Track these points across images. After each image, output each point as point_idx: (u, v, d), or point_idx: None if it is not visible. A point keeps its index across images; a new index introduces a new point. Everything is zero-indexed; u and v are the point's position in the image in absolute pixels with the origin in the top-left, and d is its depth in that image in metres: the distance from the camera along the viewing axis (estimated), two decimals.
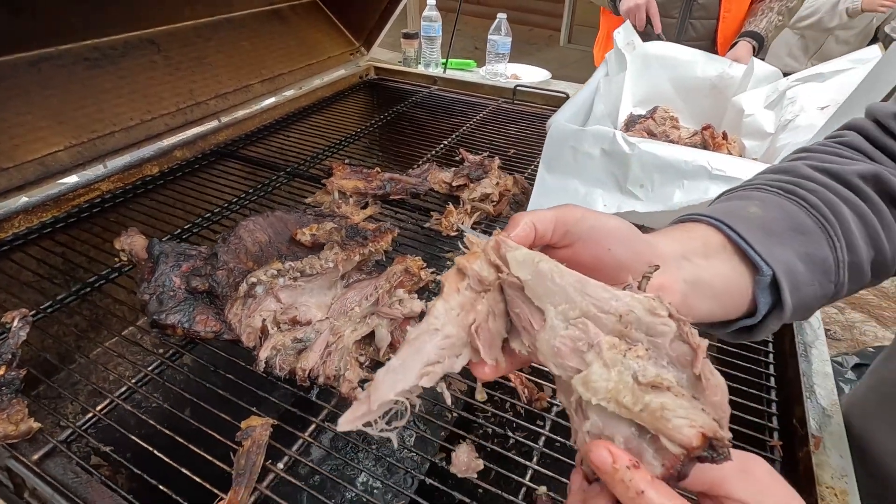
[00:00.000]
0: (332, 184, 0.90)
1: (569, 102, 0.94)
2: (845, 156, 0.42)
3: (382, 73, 1.61)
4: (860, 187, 0.40)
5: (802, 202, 0.38)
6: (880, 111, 0.43)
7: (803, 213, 0.38)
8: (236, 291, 0.58)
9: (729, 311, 0.36)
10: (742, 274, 0.36)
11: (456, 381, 0.74)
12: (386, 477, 0.58)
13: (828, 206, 0.38)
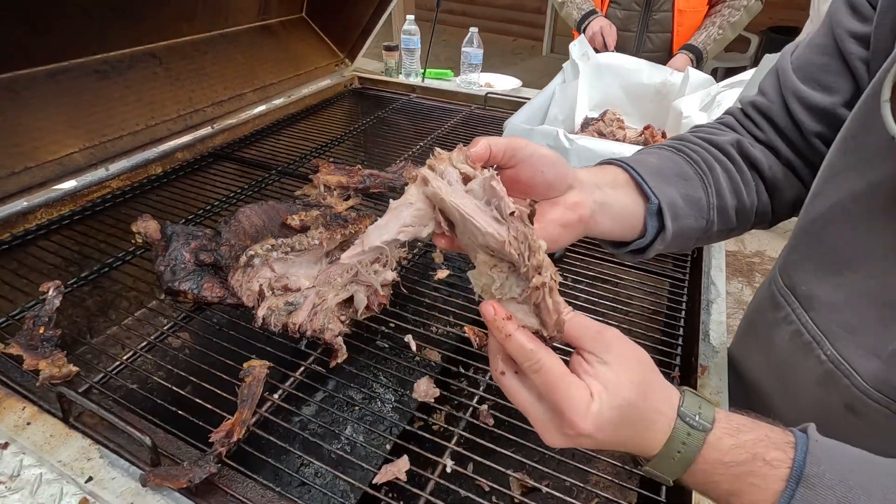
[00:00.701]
0: (318, 179, 1.02)
1: (525, 106, 1.07)
2: (721, 130, 0.57)
3: (366, 83, 1.74)
4: (729, 151, 0.54)
5: (687, 157, 0.53)
6: (745, 100, 0.58)
7: (687, 165, 0.52)
8: (237, 262, 0.70)
9: (626, 231, 0.49)
10: (637, 203, 0.49)
11: (431, 352, 0.86)
12: (369, 426, 0.69)
13: (705, 162, 0.52)
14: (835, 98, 0.51)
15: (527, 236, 0.34)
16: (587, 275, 0.84)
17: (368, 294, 0.75)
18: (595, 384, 0.33)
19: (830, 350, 0.48)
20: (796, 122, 0.53)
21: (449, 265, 0.85)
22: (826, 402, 0.49)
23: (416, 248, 0.89)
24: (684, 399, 0.35)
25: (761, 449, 0.33)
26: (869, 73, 0.48)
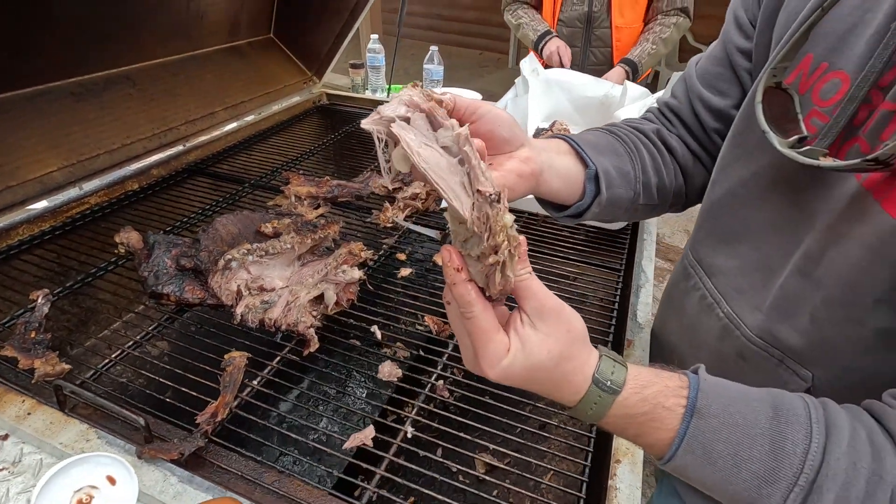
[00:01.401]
0: (290, 190, 1.10)
1: None
2: (645, 121, 0.69)
3: (334, 99, 1.82)
4: (651, 137, 0.66)
5: (618, 138, 0.63)
6: (660, 101, 0.70)
7: (618, 144, 0.63)
8: (216, 266, 0.78)
9: (570, 192, 0.58)
10: (578, 168, 0.58)
11: (401, 350, 0.94)
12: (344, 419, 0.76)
13: (633, 143, 0.63)
14: (728, 101, 0.62)
15: (489, 217, 0.35)
16: (538, 269, 0.93)
17: (337, 291, 0.83)
18: (516, 341, 0.38)
19: (727, 308, 0.58)
20: (700, 119, 0.65)
21: (412, 263, 0.94)
22: (723, 353, 0.59)
23: (381, 251, 0.98)
24: (600, 365, 0.40)
25: (661, 399, 0.40)
26: (752, 81, 0.60)
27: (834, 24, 0.46)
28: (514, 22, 1.98)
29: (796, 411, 0.39)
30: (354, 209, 1.13)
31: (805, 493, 0.36)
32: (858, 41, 0.44)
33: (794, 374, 0.50)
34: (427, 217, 1.10)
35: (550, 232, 1.04)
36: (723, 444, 0.38)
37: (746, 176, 0.55)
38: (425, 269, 0.94)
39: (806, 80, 0.48)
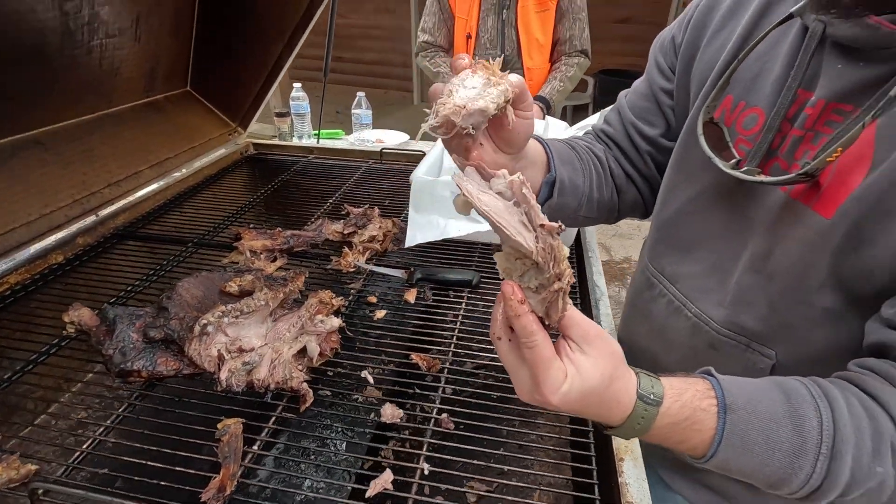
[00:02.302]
0: (243, 245, 1.07)
1: (424, 160, 1.24)
2: (594, 143, 0.79)
3: (261, 149, 1.80)
4: (600, 156, 0.75)
5: (577, 153, 0.72)
6: (596, 128, 0.81)
7: (576, 158, 0.71)
8: (192, 332, 0.74)
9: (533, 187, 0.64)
10: (541, 173, 0.65)
11: (371, 390, 0.95)
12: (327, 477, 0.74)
13: (587, 160, 0.72)
14: (656, 130, 0.75)
15: (553, 248, 0.39)
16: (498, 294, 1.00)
17: (319, 342, 0.82)
18: (571, 367, 0.41)
19: (694, 308, 0.68)
20: (635, 144, 0.76)
21: (385, 305, 0.96)
22: (695, 347, 0.68)
23: (350, 296, 0.99)
24: (640, 382, 0.45)
25: (696, 402, 0.45)
26: (675, 115, 0.73)
27: (745, 72, 0.58)
28: (433, 69, 2.10)
29: (800, 392, 0.47)
30: (312, 258, 1.13)
31: (828, 459, 0.43)
32: (765, 84, 0.57)
33: (760, 355, 0.60)
34: (387, 257, 1.13)
35: None
36: (755, 432, 0.45)
37: (693, 194, 0.66)
38: (399, 308, 0.96)
39: (729, 115, 0.60)
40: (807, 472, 0.44)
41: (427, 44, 2.11)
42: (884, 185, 0.47)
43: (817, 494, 0.45)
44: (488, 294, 0.99)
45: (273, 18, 1.57)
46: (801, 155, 0.53)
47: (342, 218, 1.23)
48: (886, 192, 0.46)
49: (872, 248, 0.48)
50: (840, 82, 0.50)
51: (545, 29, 1.92)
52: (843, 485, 0.44)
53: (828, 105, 0.51)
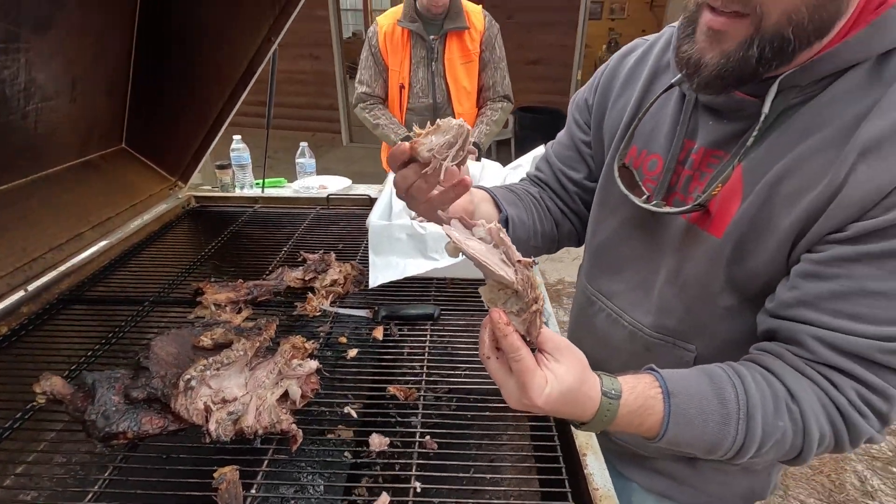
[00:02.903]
0: (207, 299, 1.09)
1: (376, 205, 1.33)
2: (530, 185, 0.93)
3: (204, 202, 1.80)
4: (536, 196, 0.89)
5: (518, 195, 0.85)
6: (530, 174, 0.96)
7: (518, 199, 0.85)
8: (176, 388, 0.77)
9: None
10: (495, 214, 0.79)
11: (342, 430, 0.99)
12: None
13: (527, 200, 0.86)
14: (580, 174, 0.90)
15: (529, 278, 0.50)
16: (459, 324, 1.09)
17: (300, 385, 0.87)
18: (550, 374, 0.50)
19: (629, 318, 0.81)
20: (564, 186, 0.92)
21: (355, 344, 1.02)
22: (634, 350, 0.81)
23: (319, 339, 1.04)
24: (602, 381, 0.55)
25: (647, 392, 0.57)
26: (594, 161, 0.88)
27: (644, 127, 0.75)
28: (373, 122, 2.21)
29: (719, 374, 0.60)
30: (275, 306, 1.17)
31: (746, 420, 0.56)
32: (660, 136, 0.73)
33: (684, 350, 0.74)
34: (350, 299, 1.19)
35: (456, 292, 1.22)
36: (693, 409, 0.57)
37: (616, 225, 0.80)
38: (369, 346, 1.03)
39: (636, 160, 0.76)
40: (732, 435, 0.57)
41: (366, 95, 2.23)
42: (752, 210, 0.62)
43: (742, 451, 0.58)
44: (449, 325, 1.09)
45: (214, 74, 1.61)
46: (693, 190, 0.68)
47: (300, 265, 1.28)
48: (755, 215, 0.62)
49: (753, 258, 0.63)
50: (713, 135, 0.67)
51: (471, 78, 2.11)
52: (758, 440, 0.57)
53: (707, 152, 0.67)
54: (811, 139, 0.57)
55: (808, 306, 0.58)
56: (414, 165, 0.60)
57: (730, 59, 0.56)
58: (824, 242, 0.57)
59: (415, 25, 2.01)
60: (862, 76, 0.55)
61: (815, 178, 0.56)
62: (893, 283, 0.53)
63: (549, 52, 6.09)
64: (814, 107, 0.58)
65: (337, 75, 6.99)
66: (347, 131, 7.29)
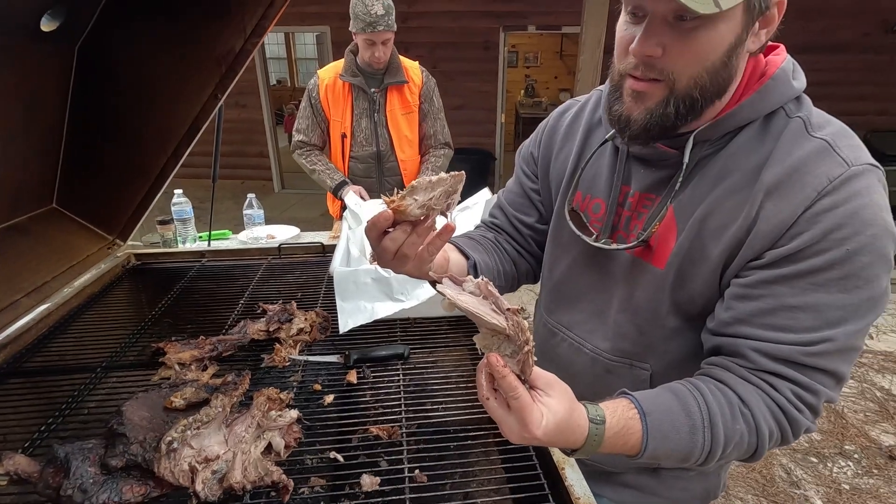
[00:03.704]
0: (170, 359, 1.07)
1: (336, 253, 1.37)
2: (488, 231, 1.02)
3: (144, 259, 1.73)
4: (493, 240, 0.97)
5: (478, 242, 0.93)
6: (485, 220, 1.05)
7: (479, 245, 0.93)
8: (159, 452, 0.75)
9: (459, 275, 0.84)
10: (463, 260, 0.86)
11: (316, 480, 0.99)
12: None
13: (487, 244, 0.94)
14: (531, 219, 1.00)
15: (519, 323, 0.55)
16: (429, 361, 1.15)
17: (282, 435, 0.88)
18: (544, 408, 0.56)
19: (589, 345, 0.89)
20: (517, 230, 1.01)
21: (330, 390, 1.04)
22: (596, 374, 0.88)
23: (293, 389, 1.04)
24: (588, 409, 0.60)
25: (625, 414, 0.63)
26: (544, 206, 0.99)
27: (586, 175, 0.86)
28: (309, 167, 2.26)
29: (681, 389, 0.68)
30: (241, 360, 1.15)
31: (710, 428, 0.64)
32: (601, 182, 0.85)
33: (640, 369, 0.83)
34: (318, 346, 1.20)
35: (421, 331, 1.27)
36: (666, 425, 0.64)
37: (570, 262, 0.91)
38: (345, 390, 1.05)
39: (582, 204, 0.87)
40: (701, 443, 0.65)
41: (302, 143, 2.29)
42: (687, 244, 0.73)
43: (710, 456, 0.66)
44: (419, 362, 1.13)
45: (157, 131, 1.59)
46: (633, 228, 0.80)
47: (261, 316, 1.28)
48: (690, 248, 0.73)
49: (692, 284, 0.74)
50: (644, 181, 0.79)
51: (412, 127, 2.24)
52: (722, 444, 0.66)
53: (641, 195, 0.79)
54: (725, 182, 0.69)
55: (743, 323, 0.67)
56: (402, 226, 0.65)
57: (653, 115, 0.67)
58: (748, 269, 0.68)
59: (356, 79, 2.11)
60: (755, 131, 0.69)
61: (733, 215, 0.68)
62: (805, 298, 0.63)
63: (472, 98, 6.48)
64: (723, 156, 0.70)
65: (266, 122, 6.95)
66: (279, 178, 7.20)
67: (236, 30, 1.44)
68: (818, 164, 0.64)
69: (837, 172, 0.63)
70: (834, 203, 0.62)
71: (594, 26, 3.66)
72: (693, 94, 0.65)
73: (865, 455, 2.44)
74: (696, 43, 0.61)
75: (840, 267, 0.62)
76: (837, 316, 0.63)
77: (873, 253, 0.62)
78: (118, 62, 1.45)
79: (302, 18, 6.32)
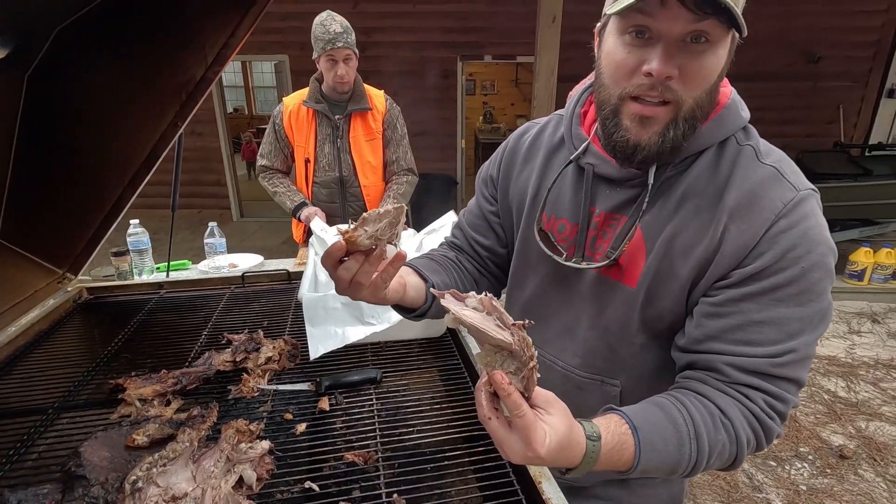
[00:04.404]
0: (131, 396, 1.02)
1: (303, 279, 1.36)
2: (448, 250, 1.03)
3: (98, 292, 1.66)
4: (454, 259, 0.99)
5: (437, 262, 0.94)
6: (447, 239, 1.06)
7: (438, 266, 0.93)
8: (122, 493, 0.71)
9: (418, 298, 0.86)
10: (422, 283, 0.86)
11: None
12: None
13: (447, 264, 0.95)
14: (490, 241, 1.02)
15: (524, 338, 0.54)
16: (402, 384, 1.14)
17: (254, 468, 0.85)
18: (546, 426, 0.55)
19: (561, 363, 0.90)
20: (476, 251, 1.03)
21: (302, 418, 1.02)
22: (568, 391, 0.87)
23: (263, 419, 1.01)
24: (584, 427, 0.60)
25: (618, 429, 0.63)
26: (503, 229, 1.00)
27: (550, 196, 0.89)
28: (271, 189, 2.26)
29: (666, 403, 0.69)
30: (207, 392, 1.11)
31: (696, 440, 0.66)
32: (564, 203, 0.87)
33: (610, 386, 0.85)
34: (287, 375, 1.18)
35: (392, 354, 1.27)
36: (656, 438, 0.65)
37: (538, 281, 0.92)
38: (317, 418, 1.02)
39: (547, 224, 0.89)
40: (688, 454, 0.67)
41: (265, 167, 2.29)
42: (657, 263, 0.75)
43: (696, 466, 0.68)
44: (392, 385, 1.13)
45: (113, 159, 1.55)
46: (599, 247, 0.82)
47: (226, 347, 1.25)
48: (658, 267, 0.75)
49: (661, 302, 0.76)
50: (610, 201, 0.80)
51: (375, 154, 2.26)
52: (707, 454, 0.68)
53: (607, 215, 0.81)
54: (689, 204, 0.73)
55: (715, 340, 0.70)
56: (355, 256, 0.67)
57: (665, 139, 0.68)
58: (716, 288, 0.71)
59: (320, 106, 2.13)
60: (712, 157, 0.73)
61: (699, 235, 0.71)
62: (769, 313, 0.67)
63: (433, 125, 6.60)
64: (685, 179, 0.74)
65: (223, 150, 6.83)
66: (238, 206, 7.04)
67: (197, 58, 1.43)
68: (772, 188, 0.69)
69: (789, 196, 0.68)
70: (789, 224, 0.67)
71: (547, 56, 3.84)
72: (696, 114, 0.68)
73: (819, 456, 2.57)
74: (705, 65, 0.64)
75: (797, 283, 0.67)
76: (797, 328, 0.67)
77: (822, 269, 0.67)
78: (72, 90, 1.41)
79: (261, 47, 6.32)
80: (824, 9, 6.15)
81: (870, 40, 6.41)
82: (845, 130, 6.79)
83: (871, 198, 5.19)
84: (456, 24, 6.12)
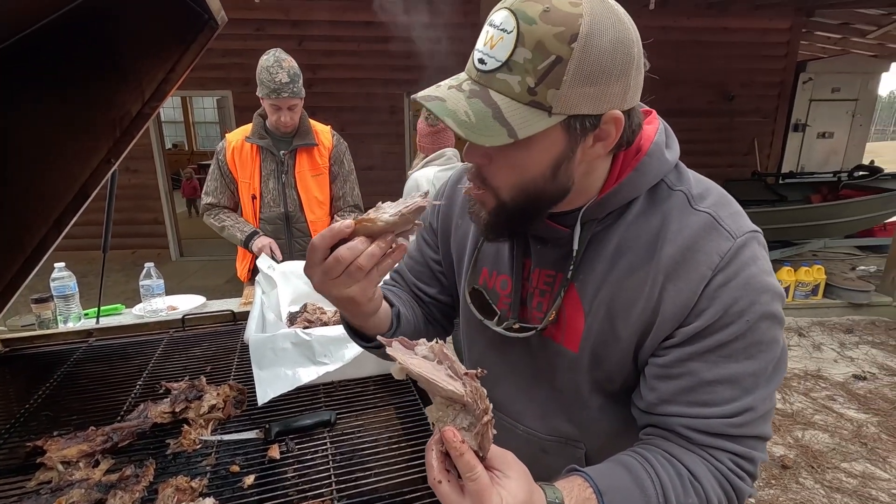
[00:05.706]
0: (52, 458, 0.91)
1: (250, 320, 1.29)
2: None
3: (14, 344, 1.50)
4: (411, 298, 0.95)
5: (401, 294, 0.90)
6: (388, 280, 1.00)
7: (400, 298, 0.88)
8: None
9: (383, 324, 0.79)
10: (388, 308, 0.81)
11: None
12: None
13: (405, 297, 0.91)
14: (434, 290, 0.96)
15: (478, 389, 0.49)
16: (357, 425, 1.10)
17: None
18: (503, 491, 0.50)
19: (522, 426, 0.83)
20: (419, 298, 0.96)
21: (251, 470, 0.95)
22: (531, 452, 0.81)
23: (207, 474, 0.94)
24: (545, 491, 0.54)
25: (582, 493, 0.58)
26: (446, 277, 0.94)
27: (489, 249, 0.82)
28: (218, 225, 2.17)
29: (634, 464, 0.64)
30: (141, 448, 1.02)
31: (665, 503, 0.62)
32: (504, 258, 0.80)
33: (574, 448, 0.80)
34: (233, 423, 1.10)
35: (355, 391, 1.22)
36: (621, 502, 0.60)
37: (485, 343, 0.88)
38: (266, 468, 0.96)
39: (489, 280, 0.82)
40: None
41: (211, 205, 2.21)
42: (596, 325, 0.70)
43: None
44: (347, 427, 1.08)
45: (35, 198, 1.43)
46: (537, 305, 0.77)
47: (164, 397, 1.16)
48: (599, 330, 0.71)
49: (608, 363, 0.72)
50: (542, 258, 0.76)
51: (322, 189, 2.23)
52: None
53: (541, 272, 0.76)
54: (623, 261, 0.69)
55: (669, 403, 0.68)
56: (360, 238, 0.62)
57: (491, 218, 0.68)
58: (663, 348, 0.68)
59: (264, 142, 2.09)
60: (642, 206, 0.69)
61: (636, 295, 0.68)
62: (720, 371, 0.65)
63: (381, 159, 6.64)
64: (616, 231, 0.70)
65: (161, 188, 6.54)
66: (177, 245, 6.71)
67: (134, 93, 1.38)
68: (707, 240, 0.66)
69: (726, 248, 0.65)
70: (726, 278, 0.64)
71: None
72: (519, 205, 0.66)
73: (763, 468, 2.68)
74: (512, 159, 0.63)
75: (744, 338, 0.64)
76: (751, 383, 0.65)
77: (769, 318, 0.65)
78: None
79: (203, 83, 6.19)
80: (733, 52, 6.84)
81: (775, 81, 7.16)
82: (760, 161, 7.47)
83: (788, 221, 5.68)
84: (399, 63, 6.27)
